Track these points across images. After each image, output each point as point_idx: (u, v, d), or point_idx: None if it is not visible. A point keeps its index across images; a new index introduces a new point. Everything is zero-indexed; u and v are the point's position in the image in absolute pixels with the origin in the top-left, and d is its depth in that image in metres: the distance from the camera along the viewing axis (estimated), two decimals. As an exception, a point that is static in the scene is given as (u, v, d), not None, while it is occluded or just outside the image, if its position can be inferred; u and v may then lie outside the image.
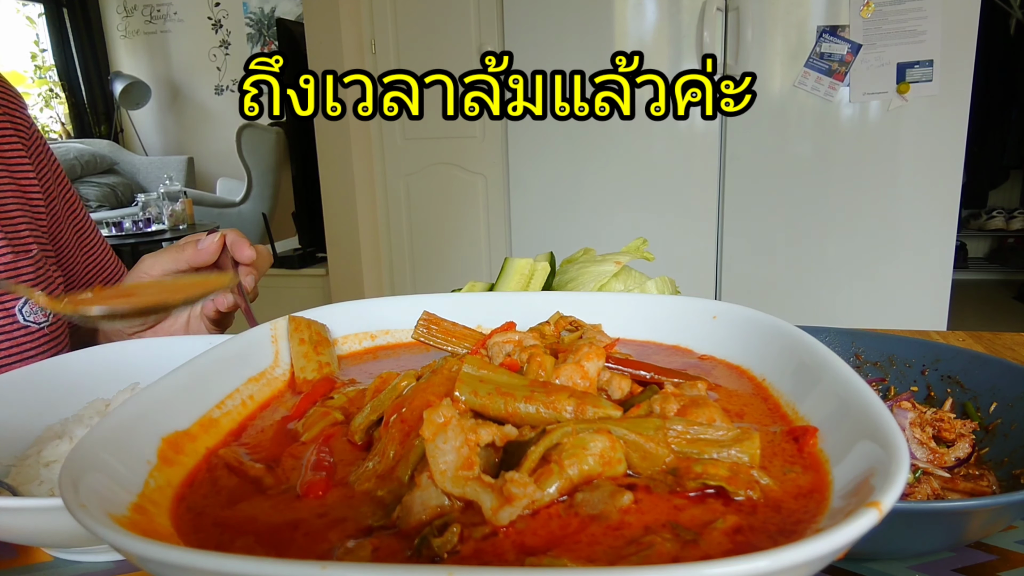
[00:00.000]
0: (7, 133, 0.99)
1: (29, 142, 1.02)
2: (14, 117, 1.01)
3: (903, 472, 0.32)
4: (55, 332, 0.99)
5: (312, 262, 3.89)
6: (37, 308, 0.96)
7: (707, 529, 0.35)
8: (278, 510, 0.40)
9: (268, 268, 0.94)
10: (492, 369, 0.46)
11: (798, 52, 2.79)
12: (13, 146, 0.99)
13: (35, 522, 0.51)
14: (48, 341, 0.97)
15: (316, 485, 0.42)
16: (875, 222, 2.85)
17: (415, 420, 0.43)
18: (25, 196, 0.99)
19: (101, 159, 5.64)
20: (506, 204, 3.34)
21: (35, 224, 1.00)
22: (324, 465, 0.44)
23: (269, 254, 0.94)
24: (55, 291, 1.00)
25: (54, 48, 6.17)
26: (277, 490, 0.43)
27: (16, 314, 0.94)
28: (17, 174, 0.99)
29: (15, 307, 0.94)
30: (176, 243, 0.90)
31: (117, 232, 4.18)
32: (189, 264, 0.88)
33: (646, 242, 1.01)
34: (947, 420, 0.70)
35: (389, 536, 0.36)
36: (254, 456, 0.48)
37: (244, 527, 0.39)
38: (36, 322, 0.96)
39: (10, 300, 0.93)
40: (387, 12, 3.28)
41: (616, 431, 0.40)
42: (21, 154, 1.00)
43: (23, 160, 1.00)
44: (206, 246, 0.86)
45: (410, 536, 0.36)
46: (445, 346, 0.61)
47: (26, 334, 0.95)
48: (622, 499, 0.36)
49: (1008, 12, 4.31)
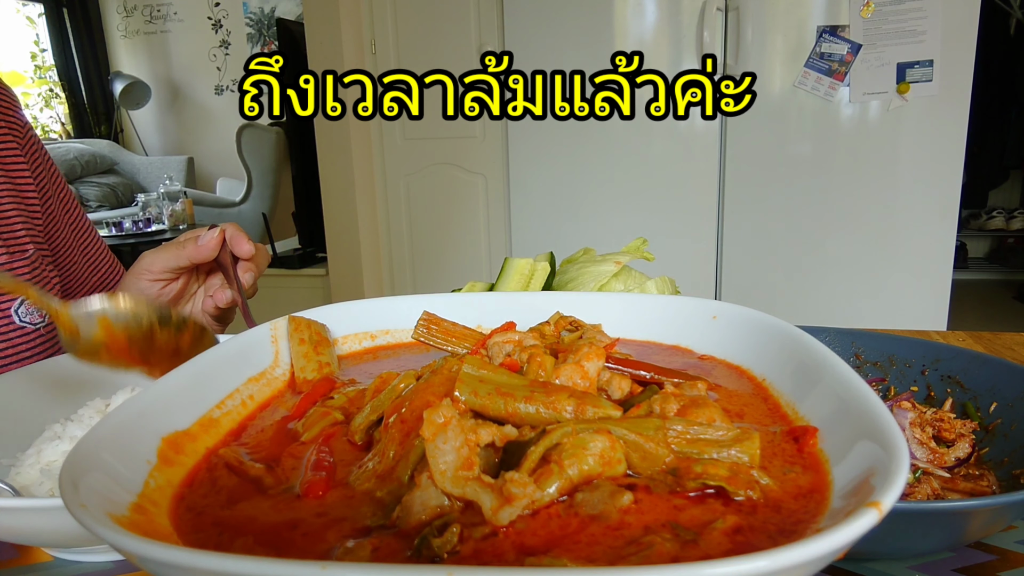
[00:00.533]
0: (3, 134, 0.99)
1: (24, 142, 1.02)
2: (9, 118, 1.01)
3: (903, 472, 0.32)
4: (51, 333, 0.99)
5: (312, 262, 3.89)
6: (33, 309, 0.96)
7: (707, 529, 0.35)
8: (278, 510, 0.40)
9: (267, 265, 0.94)
10: (492, 369, 0.46)
11: (798, 52, 2.79)
12: (8, 146, 0.99)
13: (35, 522, 0.51)
14: (44, 342, 0.97)
15: (316, 485, 0.42)
16: (875, 222, 2.85)
17: (415, 420, 0.43)
18: (21, 196, 0.99)
19: (101, 159, 5.64)
20: (506, 204, 3.34)
21: (31, 224, 1.00)
22: (324, 465, 0.44)
23: (267, 252, 0.95)
24: (51, 291, 1.00)
25: (54, 48, 6.17)
26: (277, 490, 0.43)
27: (12, 315, 0.94)
28: (13, 174, 0.99)
29: (11, 308, 0.94)
30: (176, 239, 0.90)
31: (117, 232, 4.18)
32: (190, 261, 0.87)
33: (646, 242, 1.01)
34: (947, 420, 0.70)
35: (389, 536, 0.36)
36: (254, 456, 0.48)
37: (244, 527, 0.39)
38: (32, 323, 0.96)
39: (6, 301, 0.93)
40: (387, 12, 3.28)
41: (616, 431, 0.40)
42: (17, 154, 1.00)
43: (19, 160, 1.00)
44: (206, 242, 0.86)
45: (410, 536, 0.36)
46: (445, 346, 0.61)
47: (22, 335, 0.94)
48: (622, 499, 0.36)
49: (1008, 12, 4.31)
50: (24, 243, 0.97)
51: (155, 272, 0.88)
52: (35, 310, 0.96)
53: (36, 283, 0.97)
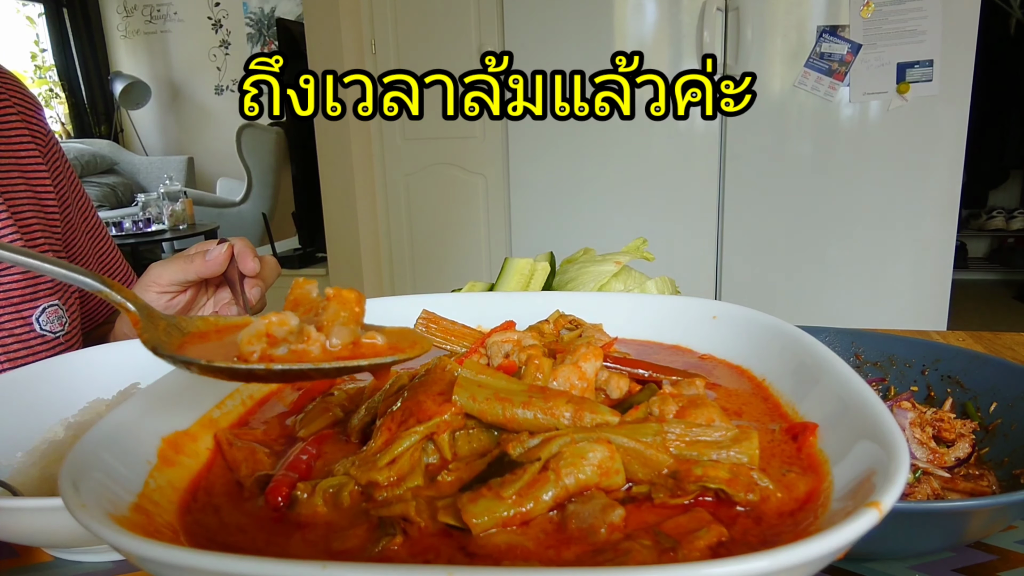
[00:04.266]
0: (24, 139, 0.99)
1: (46, 148, 1.02)
2: (31, 123, 1.01)
3: (903, 472, 0.32)
4: (70, 341, 0.99)
5: (312, 262, 3.90)
6: (54, 317, 0.96)
7: (689, 538, 0.34)
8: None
9: (275, 279, 0.92)
10: (490, 374, 0.46)
11: (798, 52, 2.79)
12: (30, 153, 0.99)
13: (35, 522, 0.51)
14: (64, 351, 0.97)
15: (281, 484, 0.41)
16: (875, 222, 2.85)
17: (406, 419, 0.43)
18: (40, 203, 0.99)
19: (101, 159, 5.64)
20: (506, 204, 3.34)
21: (49, 232, 1.00)
22: (300, 466, 0.44)
23: (276, 265, 0.92)
24: (69, 298, 1.00)
25: (54, 48, 6.17)
26: (248, 481, 0.44)
27: (33, 323, 0.94)
28: (33, 181, 0.99)
29: (32, 315, 0.94)
30: (183, 253, 0.89)
31: (117, 232, 4.18)
32: (198, 275, 0.87)
33: (646, 242, 1.01)
34: (947, 420, 0.70)
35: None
36: (247, 438, 0.49)
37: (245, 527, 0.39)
38: (52, 331, 0.96)
39: (28, 308, 0.93)
40: (387, 12, 3.27)
41: (615, 439, 0.40)
42: (38, 162, 1.00)
43: (40, 168, 1.00)
44: (214, 257, 0.85)
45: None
46: (444, 344, 0.61)
47: (42, 343, 0.95)
48: (613, 514, 0.36)
49: (1008, 12, 4.31)
50: (43, 249, 0.97)
51: (163, 284, 0.88)
52: (56, 318, 0.96)
53: (55, 289, 0.96)
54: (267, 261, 0.91)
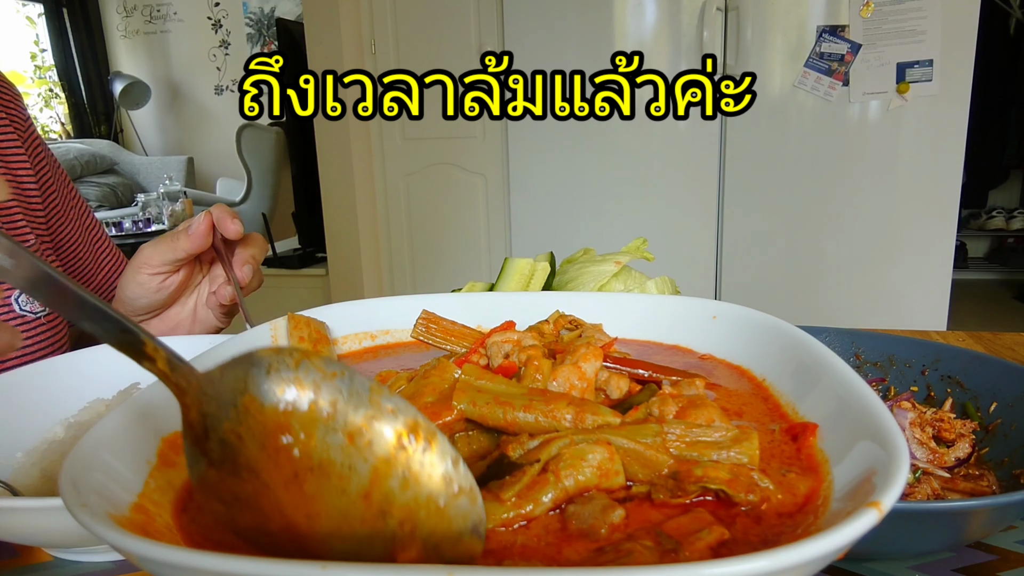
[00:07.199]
0: (3, 126, 0.99)
1: (26, 136, 1.02)
2: (11, 113, 1.01)
3: (903, 472, 0.32)
4: (53, 322, 0.98)
5: (312, 262, 3.89)
6: None
7: (690, 539, 0.34)
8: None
9: (264, 255, 0.92)
10: (490, 378, 0.46)
11: (798, 52, 2.79)
12: (8, 138, 0.99)
13: (35, 522, 0.51)
14: (47, 331, 0.96)
15: None
16: (875, 222, 2.85)
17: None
18: (20, 188, 0.99)
19: (101, 159, 5.63)
20: (506, 204, 3.34)
21: (31, 216, 1.00)
22: None
23: (263, 241, 0.92)
24: None
25: (54, 48, 6.17)
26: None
27: (12, 304, 0.93)
28: (12, 166, 0.98)
29: (11, 296, 0.93)
30: (170, 232, 0.88)
31: (117, 232, 4.17)
32: (187, 253, 0.86)
33: (646, 242, 1.01)
34: (947, 420, 0.70)
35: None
36: None
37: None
38: (33, 311, 0.95)
39: (7, 290, 0.92)
40: (387, 12, 3.27)
41: (615, 441, 0.40)
42: (17, 146, 1.00)
43: (19, 153, 1.00)
44: (195, 231, 0.84)
45: None
46: (444, 345, 0.61)
47: (23, 323, 0.94)
48: (613, 515, 0.36)
49: (1008, 12, 4.31)
50: (25, 232, 0.96)
51: (154, 266, 0.87)
52: None
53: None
54: (254, 236, 0.91)
